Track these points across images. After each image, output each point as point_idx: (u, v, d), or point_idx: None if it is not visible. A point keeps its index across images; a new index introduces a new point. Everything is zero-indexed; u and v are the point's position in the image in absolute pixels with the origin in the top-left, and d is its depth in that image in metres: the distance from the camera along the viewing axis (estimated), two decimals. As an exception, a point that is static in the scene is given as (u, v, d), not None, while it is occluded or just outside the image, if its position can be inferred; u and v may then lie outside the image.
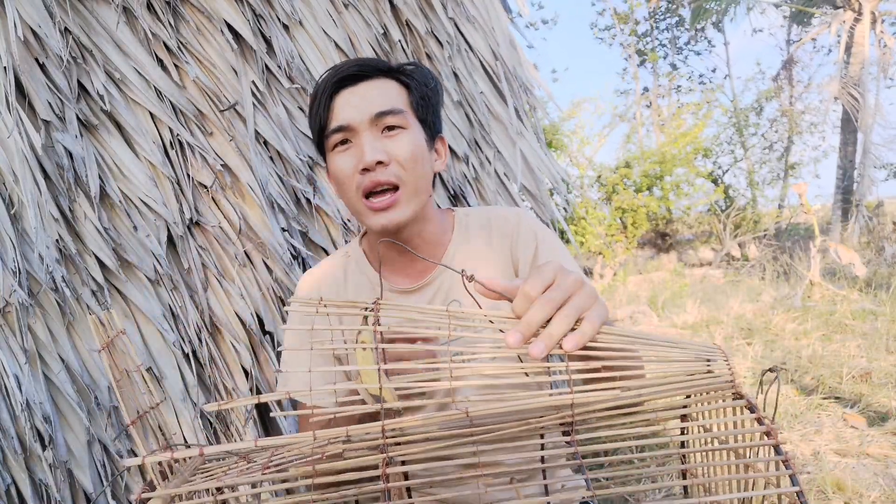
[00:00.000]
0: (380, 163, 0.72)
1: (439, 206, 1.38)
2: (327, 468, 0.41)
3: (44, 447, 1.19)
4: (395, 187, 0.74)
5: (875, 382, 2.54)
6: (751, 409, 0.43)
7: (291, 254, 1.31)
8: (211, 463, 0.50)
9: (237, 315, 1.28)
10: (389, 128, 0.75)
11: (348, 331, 0.44)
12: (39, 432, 1.19)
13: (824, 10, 9.73)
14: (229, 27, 1.34)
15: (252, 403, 1.24)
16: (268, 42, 1.38)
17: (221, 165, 1.30)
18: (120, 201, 1.25)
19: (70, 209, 1.24)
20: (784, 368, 2.78)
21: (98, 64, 1.27)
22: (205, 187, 1.30)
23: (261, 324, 1.29)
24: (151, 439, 0.48)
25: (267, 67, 1.37)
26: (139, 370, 0.49)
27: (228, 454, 0.49)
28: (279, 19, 1.39)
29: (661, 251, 8.91)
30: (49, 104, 1.23)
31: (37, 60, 1.25)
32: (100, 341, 0.46)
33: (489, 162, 1.67)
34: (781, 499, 0.39)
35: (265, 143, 1.35)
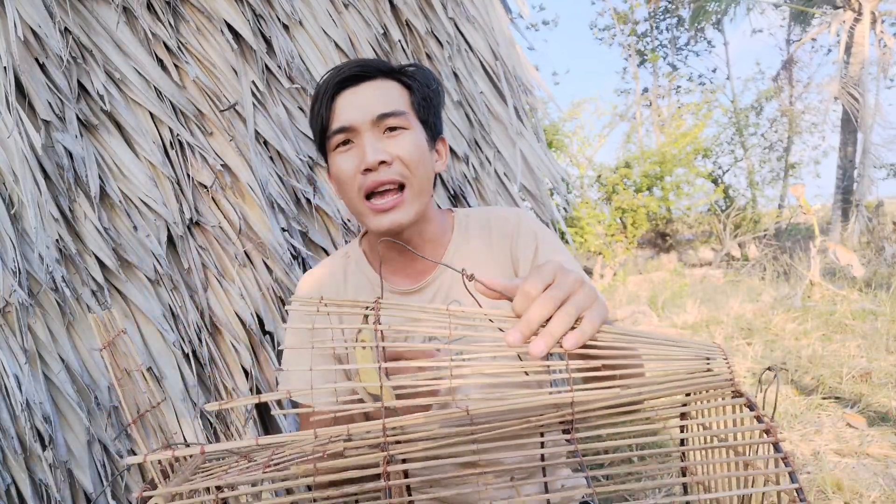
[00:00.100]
0: (382, 162, 0.72)
1: (439, 207, 1.38)
2: (328, 466, 0.41)
3: (44, 447, 1.19)
4: (401, 186, 0.74)
5: (875, 382, 2.54)
6: (750, 408, 0.43)
7: (291, 254, 1.31)
8: (211, 462, 0.50)
9: (237, 315, 1.28)
10: (391, 129, 0.74)
11: (348, 330, 0.44)
12: (39, 432, 1.19)
13: (824, 10, 9.73)
14: (229, 27, 1.34)
15: (252, 403, 1.24)
16: (268, 42, 1.38)
17: (221, 165, 1.30)
18: (120, 201, 1.25)
19: (70, 209, 1.24)
20: (784, 368, 2.78)
21: (98, 64, 1.27)
22: (205, 187, 1.30)
23: (261, 324, 1.29)
24: (152, 439, 0.48)
25: (267, 67, 1.37)
26: (140, 370, 0.49)
27: (229, 453, 0.49)
28: (279, 19, 1.39)
29: (661, 251, 8.92)
30: (49, 104, 1.23)
31: (37, 60, 1.25)
32: (101, 341, 0.46)
33: (489, 162, 1.67)
34: (781, 496, 0.40)
35: (265, 143, 1.35)
